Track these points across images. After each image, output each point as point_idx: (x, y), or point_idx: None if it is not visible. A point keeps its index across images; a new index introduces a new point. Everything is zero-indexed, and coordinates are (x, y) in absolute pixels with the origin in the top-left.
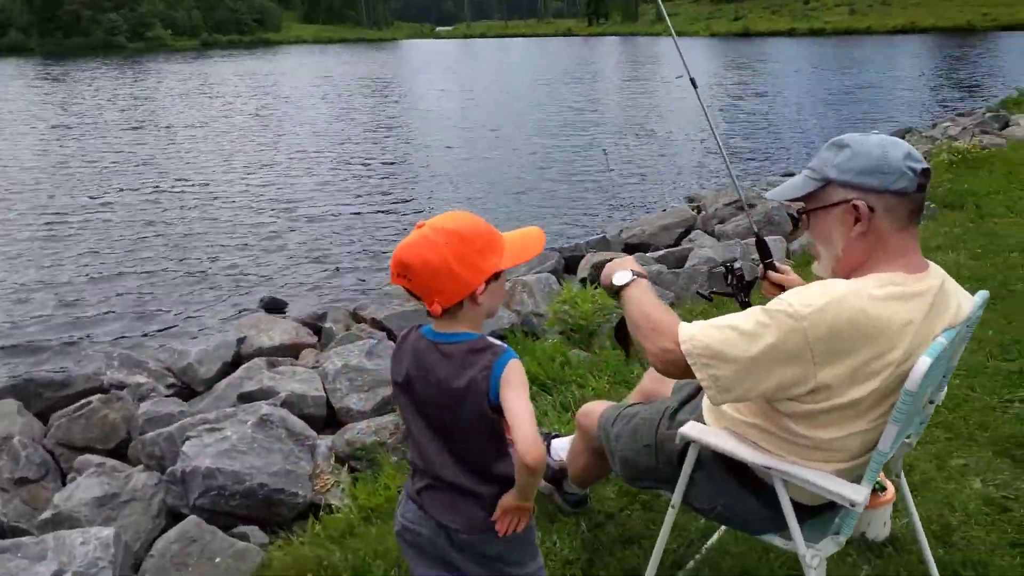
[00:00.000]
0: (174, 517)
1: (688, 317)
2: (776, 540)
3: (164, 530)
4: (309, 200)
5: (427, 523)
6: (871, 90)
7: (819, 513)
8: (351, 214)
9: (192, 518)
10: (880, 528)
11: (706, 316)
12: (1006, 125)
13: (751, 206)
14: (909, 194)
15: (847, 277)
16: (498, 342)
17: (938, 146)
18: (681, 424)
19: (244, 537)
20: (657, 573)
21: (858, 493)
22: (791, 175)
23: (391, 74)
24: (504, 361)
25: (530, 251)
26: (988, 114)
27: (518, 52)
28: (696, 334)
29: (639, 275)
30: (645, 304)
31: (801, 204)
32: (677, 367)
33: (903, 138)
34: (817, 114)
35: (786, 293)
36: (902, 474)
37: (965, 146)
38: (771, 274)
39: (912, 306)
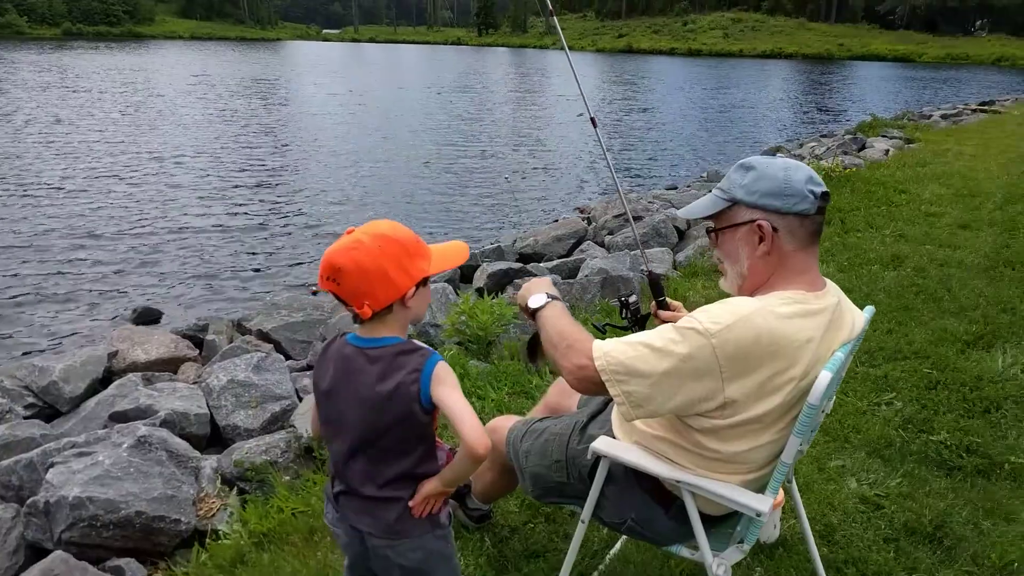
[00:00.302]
0: (36, 553)
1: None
2: (683, 551)
3: (23, 568)
4: (184, 205)
5: (342, 525)
6: (745, 109)
7: (720, 522)
8: (230, 221)
9: (58, 553)
10: (771, 531)
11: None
12: (863, 147)
13: (638, 218)
14: (810, 215)
15: (751, 293)
16: (425, 345)
17: (810, 164)
18: (591, 439)
19: (118, 572)
20: None
21: (763, 503)
22: (674, 188)
23: (275, 75)
24: (433, 362)
25: (454, 260)
26: (847, 136)
27: (408, 59)
28: (610, 351)
29: (554, 297)
30: (560, 324)
31: (711, 225)
32: (591, 383)
33: (774, 155)
34: (698, 130)
35: (696, 311)
36: (793, 479)
37: (829, 165)
38: (662, 312)
39: (813, 323)
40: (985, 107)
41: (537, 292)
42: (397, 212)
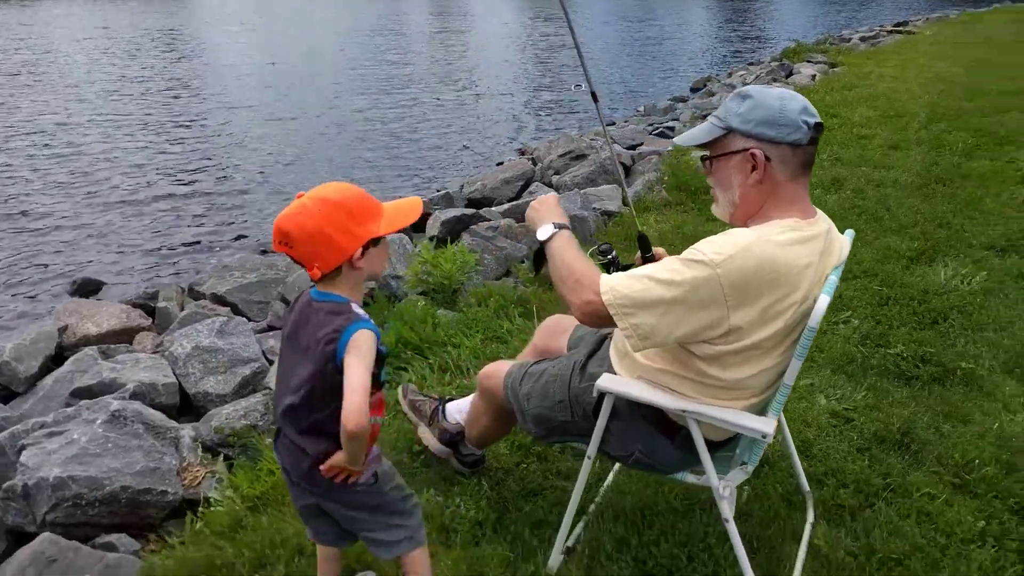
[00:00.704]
0: (18, 538)
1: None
2: (688, 477)
3: (6, 554)
4: (107, 171)
5: (280, 463)
6: (671, 42)
7: (721, 447)
8: (161, 185)
9: (46, 535)
10: None
11: None
12: (791, 73)
13: (582, 156)
14: (802, 146)
15: (744, 222)
16: (359, 311)
17: None
18: (592, 377)
19: (111, 547)
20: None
21: (768, 425)
22: (612, 124)
23: (183, 26)
24: (355, 328)
25: (408, 217)
26: (774, 63)
27: (321, 3)
28: (616, 285)
29: (561, 226)
30: (567, 257)
31: (706, 152)
32: (599, 317)
33: (704, 85)
34: (628, 65)
35: (699, 243)
36: None
37: None
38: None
39: (809, 249)
40: (900, 28)
41: (544, 221)
42: (337, 166)
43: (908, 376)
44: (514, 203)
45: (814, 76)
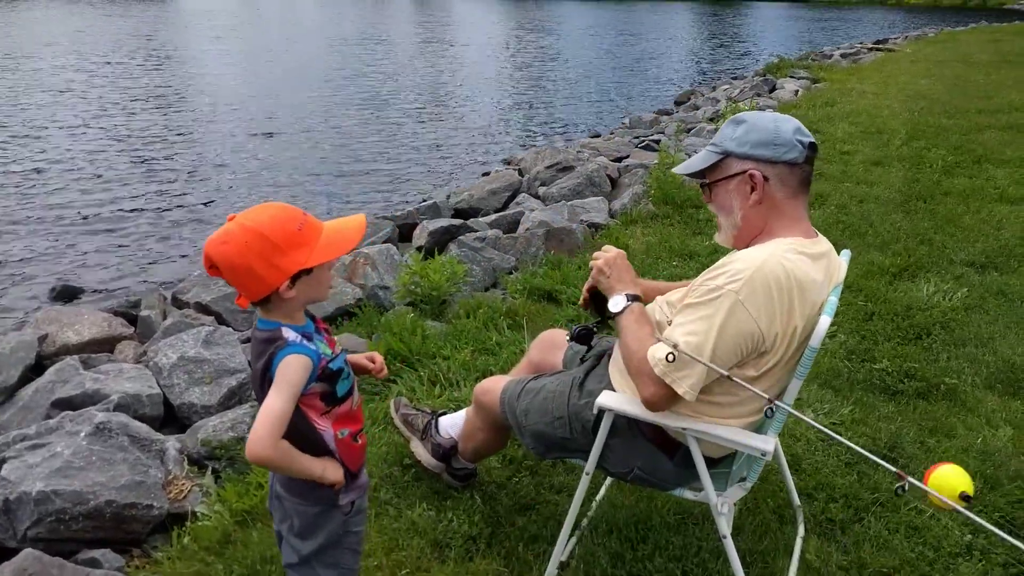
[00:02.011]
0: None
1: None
2: (687, 493)
3: None
4: (83, 175)
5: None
6: (656, 54)
7: (718, 464)
8: (137, 191)
9: (28, 551)
10: None
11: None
12: (774, 88)
13: (569, 168)
14: (799, 164)
15: (747, 244)
16: (289, 336)
17: (726, 108)
18: (591, 394)
19: (95, 563)
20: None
21: (768, 444)
22: (598, 136)
23: (163, 32)
24: (281, 356)
25: (345, 246)
26: (757, 78)
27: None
28: (662, 357)
29: (634, 298)
30: (628, 339)
31: (704, 180)
32: (667, 402)
33: (689, 99)
34: (613, 77)
35: (711, 276)
36: None
37: (747, 108)
38: None
39: (819, 267)
40: (880, 46)
41: (616, 290)
42: (318, 174)
43: (893, 391)
44: (500, 214)
45: (797, 91)
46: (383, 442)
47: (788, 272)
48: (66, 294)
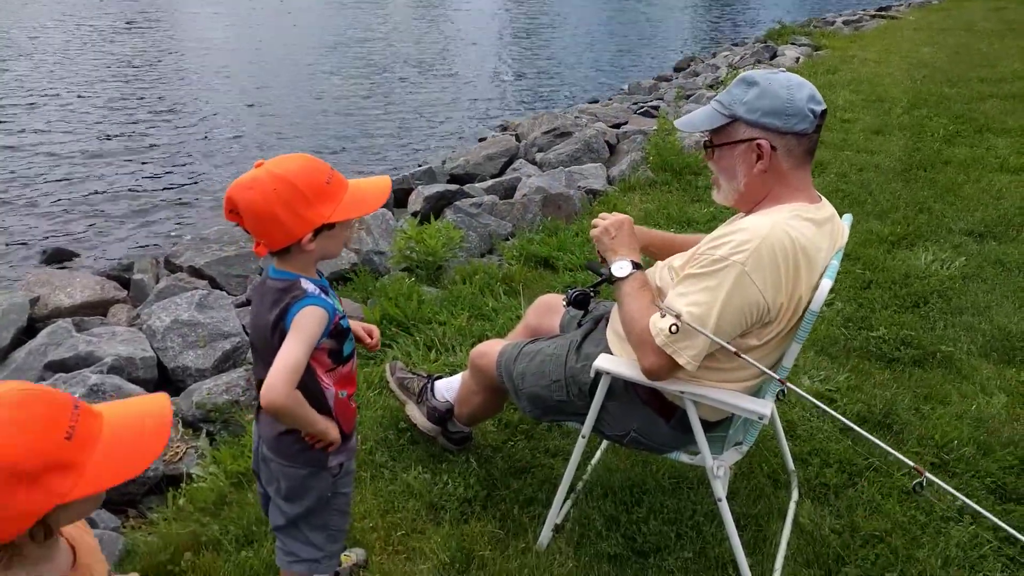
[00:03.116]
0: None
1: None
2: (683, 456)
3: None
4: (75, 138)
5: (254, 434)
6: (655, 20)
7: (714, 428)
8: (133, 155)
9: None
10: None
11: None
12: (775, 55)
13: (568, 134)
14: (808, 134)
15: (749, 208)
16: (308, 287)
17: (727, 75)
18: (588, 357)
19: (91, 523)
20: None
21: (765, 407)
22: (596, 102)
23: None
24: (299, 307)
25: (369, 206)
26: (758, 44)
27: None
28: (664, 327)
29: (636, 266)
30: (631, 307)
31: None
32: (667, 373)
33: (688, 65)
34: (611, 43)
35: (715, 246)
36: None
37: None
38: None
39: (823, 232)
40: (883, 13)
41: (619, 255)
42: (315, 139)
43: (889, 358)
44: (497, 179)
45: (798, 59)
46: (379, 406)
47: (794, 241)
48: (58, 257)
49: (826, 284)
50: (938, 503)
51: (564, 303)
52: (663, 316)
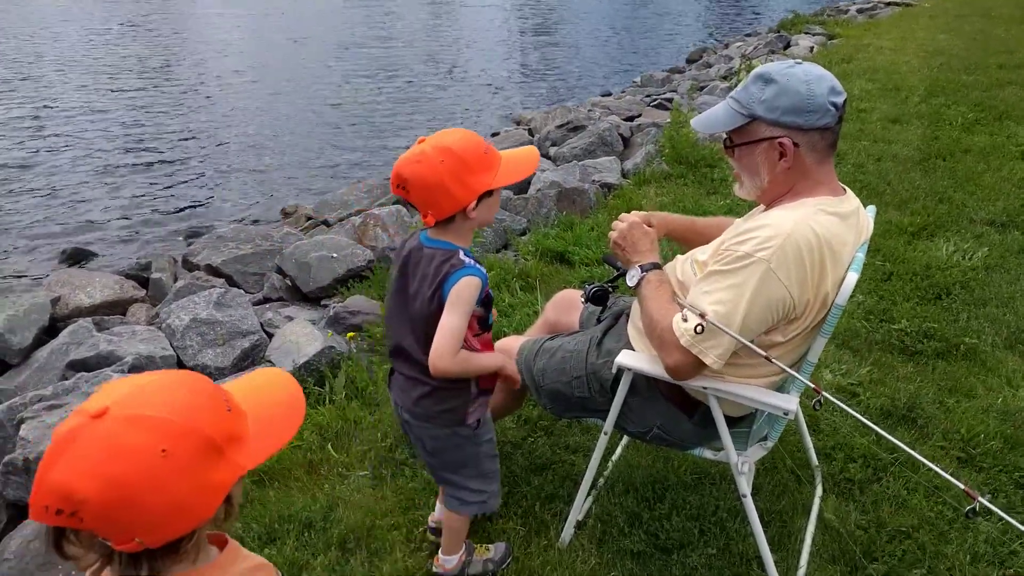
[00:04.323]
0: (19, 511)
1: (546, 243)
2: (706, 453)
3: (7, 528)
4: (92, 139)
5: (392, 397)
6: (667, 12)
7: (737, 423)
8: (148, 156)
9: None
10: None
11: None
12: (788, 45)
13: (581, 127)
14: (830, 128)
15: (772, 202)
16: (466, 258)
17: (740, 66)
18: (609, 353)
19: None
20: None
21: (790, 403)
22: (609, 95)
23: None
24: (457, 277)
25: (524, 171)
26: (771, 34)
27: None
28: (689, 327)
29: (648, 267)
30: (650, 307)
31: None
32: (693, 372)
33: (701, 56)
34: (624, 35)
35: (739, 241)
36: None
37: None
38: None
39: (847, 227)
40: (897, 0)
41: (631, 263)
42: (328, 135)
43: (912, 351)
44: None
45: (812, 48)
46: None
47: (819, 237)
48: (77, 257)
49: (852, 278)
50: (989, 524)
51: (582, 300)
52: (685, 318)
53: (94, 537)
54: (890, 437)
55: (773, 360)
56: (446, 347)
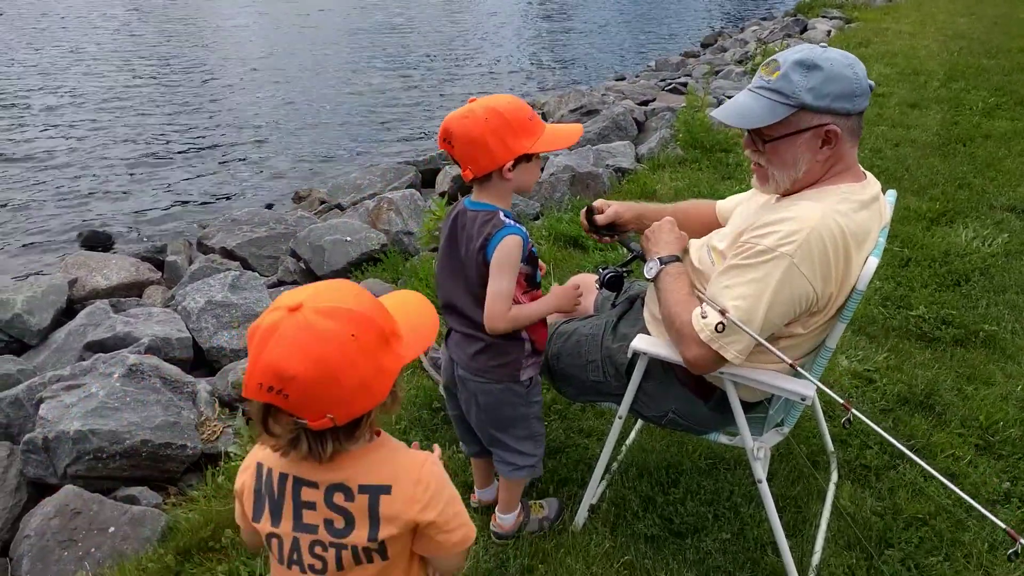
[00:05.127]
0: (39, 489)
1: (560, 228)
2: (721, 438)
3: (27, 505)
4: (108, 123)
5: (447, 352)
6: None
7: (752, 409)
8: (158, 138)
9: (69, 488)
10: None
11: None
12: (805, 29)
13: (595, 112)
14: (863, 110)
15: (795, 191)
16: (506, 219)
17: (756, 50)
18: (625, 337)
19: (132, 500)
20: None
21: (808, 388)
22: (623, 79)
23: None
24: (501, 235)
25: (565, 141)
26: (788, 18)
27: None
28: (710, 322)
29: (667, 260)
30: (669, 300)
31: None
32: (710, 365)
33: (716, 40)
34: (637, 20)
35: (760, 235)
36: None
37: (777, 50)
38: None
39: (870, 214)
40: None
41: (651, 255)
42: (341, 121)
43: (930, 338)
44: None
45: (829, 32)
46: (412, 385)
47: (843, 229)
48: (93, 239)
49: (872, 262)
50: (1008, 511)
51: (597, 285)
52: (705, 314)
53: (290, 419)
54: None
55: (799, 369)
56: (498, 310)
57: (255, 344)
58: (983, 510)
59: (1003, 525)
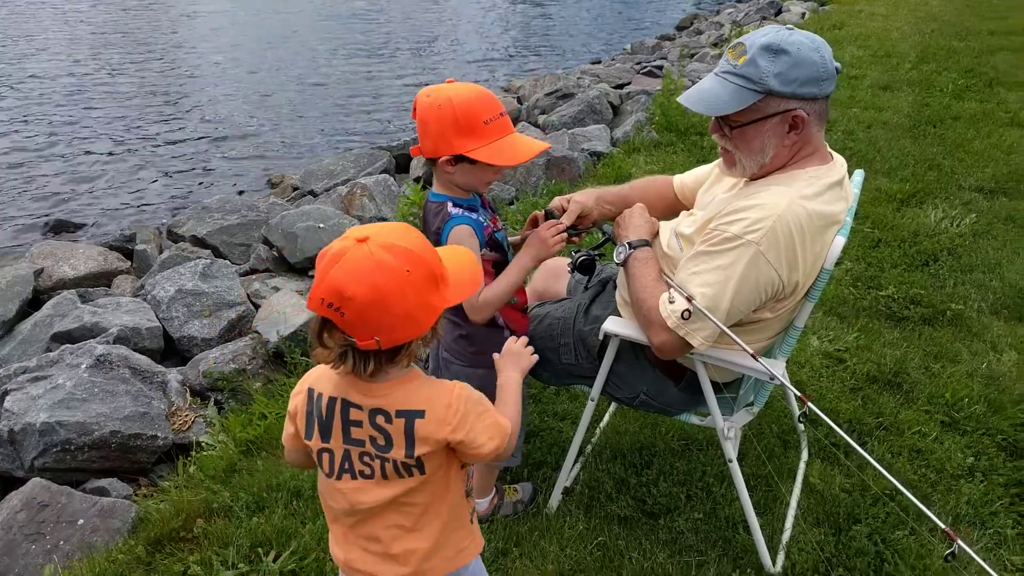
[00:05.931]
0: (5, 483)
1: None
2: (692, 418)
3: None
4: (75, 109)
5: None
6: None
7: (725, 388)
8: (127, 125)
9: (36, 480)
10: None
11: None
12: (779, 11)
13: (570, 95)
14: (830, 93)
15: (762, 175)
16: (453, 209)
17: (731, 32)
18: (597, 320)
19: (102, 492)
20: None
21: (777, 367)
22: (599, 62)
23: None
24: (448, 228)
25: (515, 159)
26: (763, 1)
27: None
28: (676, 308)
29: (636, 245)
30: (636, 285)
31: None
32: (679, 351)
33: (691, 23)
34: (613, 2)
35: (728, 222)
36: None
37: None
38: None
39: (836, 195)
40: None
41: (621, 240)
42: (312, 107)
43: (899, 317)
44: None
45: (804, 14)
46: None
47: (810, 214)
48: (60, 228)
49: (839, 242)
50: (971, 485)
51: (569, 268)
52: (672, 299)
53: (342, 335)
54: (862, 451)
55: (757, 357)
56: (468, 303)
57: (323, 265)
58: (920, 505)
59: (942, 525)
